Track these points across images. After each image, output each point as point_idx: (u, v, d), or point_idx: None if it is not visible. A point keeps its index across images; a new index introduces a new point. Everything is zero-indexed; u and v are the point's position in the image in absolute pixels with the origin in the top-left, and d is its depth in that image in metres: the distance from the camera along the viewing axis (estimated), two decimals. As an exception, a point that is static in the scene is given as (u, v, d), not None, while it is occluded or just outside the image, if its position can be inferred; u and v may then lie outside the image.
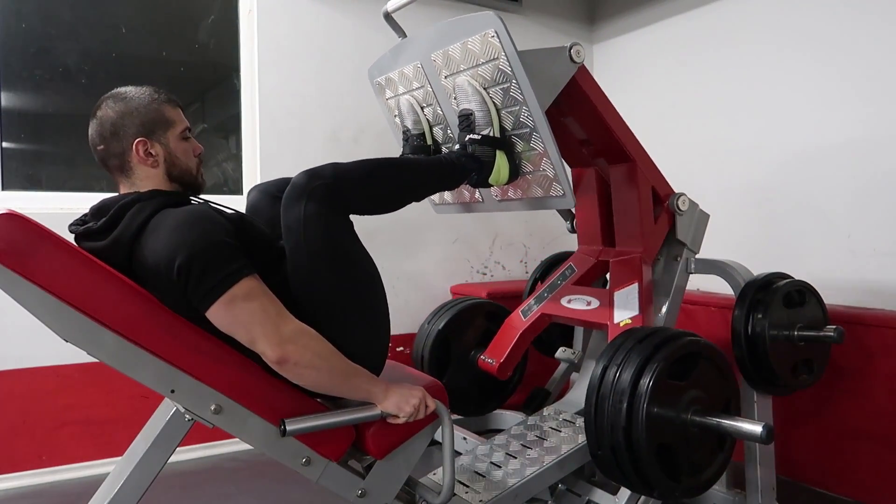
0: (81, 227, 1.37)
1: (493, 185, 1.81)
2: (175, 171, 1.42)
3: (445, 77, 1.85)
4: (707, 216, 2.11)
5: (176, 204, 1.35)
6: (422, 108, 2.02)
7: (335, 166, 1.45)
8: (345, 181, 1.43)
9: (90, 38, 2.82)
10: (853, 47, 2.57)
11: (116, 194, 1.40)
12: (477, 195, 2.05)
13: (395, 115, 2.15)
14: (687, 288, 2.11)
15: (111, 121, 1.37)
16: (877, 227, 2.52)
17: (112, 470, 1.51)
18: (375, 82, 2.18)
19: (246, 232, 1.39)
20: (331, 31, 3.17)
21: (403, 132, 2.06)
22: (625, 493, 1.81)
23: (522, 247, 3.74)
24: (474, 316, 2.34)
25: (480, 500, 1.67)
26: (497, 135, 1.75)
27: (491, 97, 1.74)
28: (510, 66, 1.64)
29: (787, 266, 2.19)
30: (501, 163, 1.77)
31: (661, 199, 2.03)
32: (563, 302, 2.09)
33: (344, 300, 1.41)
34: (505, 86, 1.69)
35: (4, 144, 2.65)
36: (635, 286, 1.92)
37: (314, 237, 1.38)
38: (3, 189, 2.62)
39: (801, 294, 2.00)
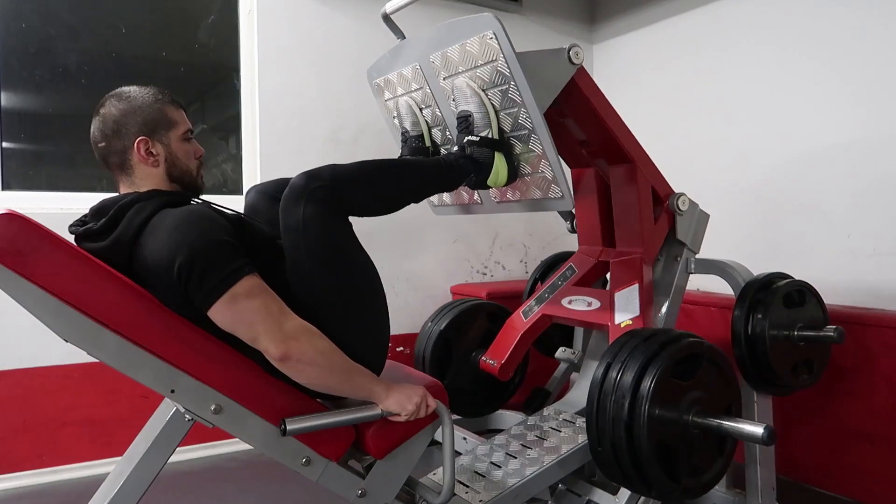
0: (81, 227, 1.37)
1: (491, 187, 1.81)
2: (175, 171, 1.42)
3: (444, 79, 1.85)
4: (707, 216, 2.11)
5: (175, 204, 1.35)
6: (420, 109, 2.02)
7: (334, 168, 1.45)
8: (343, 183, 1.43)
9: (90, 38, 2.82)
10: (853, 47, 2.57)
11: (116, 195, 1.40)
12: (476, 197, 2.05)
13: (394, 117, 2.15)
14: (687, 288, 2.11)
15: (114, 118, 1.37)
16: (877, 227, 2.52)
17: (112, 470, 1.51)
18: (374, 83, 2.18)
19: (246, 232, 1.39)
20: (331, 31, 3.17)
21: (402, 133, 2.06)
22: (625, 493, 1.81)
23: (522, 247, 3.74)
24: (475, 317, 2.34)
25: (480, 500, 1.67)
26: (495, 136, 1.75)
27: (489, 99, 1.73)
28: (508, 68, 1.64)
29: (787, 266, 2.19)
30: (500, 164, 1.76)
31: (661, 199, 2.03)
32: (564, 303, 2.09)
33: (343, 301, 1.42)
34: (503, 87, 1.68)
35: (4, 144, 2.65)
36: (635, 287, 1.92)
37: (313, 238, 1.38)
38: (3, 189, 2.62)
39: (801, 294, 2.00)
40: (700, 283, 3.02)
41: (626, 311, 1.89)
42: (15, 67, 2.66)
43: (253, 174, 3.07)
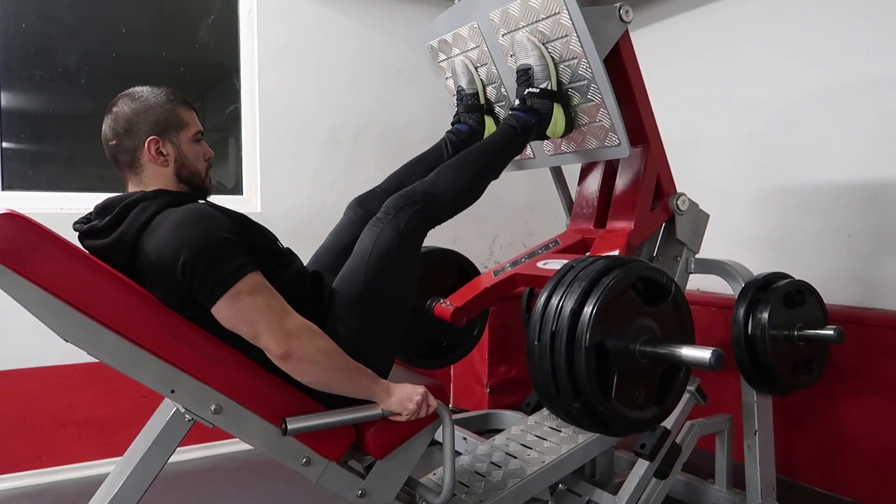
0: (85, 225, 1.37)
1: (549, 138, 1.90)
2: (184, 172, 1.43)
3: (503, 35, 1.92)
4: (707, 216, 2.11)
5: (180, 203, 1.35)
6: (476, 67, 2.09)
7: (424, 188, 1.60)
8: (436, 203, 1.60)
9: (90, 38, 2.82)
10: (854, 47, 2.57)
11: (122, 193, 1.41)
12: (528, 151, 2.13)
13: (448, 77, 2.22)
14: (687, 288, 2.11)
15: (125, 117, 1.38)
16: (877, 227, 2.52)
17: (112, 470, 1.51)
18: (428, 46, 2.22)
19: (249, 233, 1.40)
20: (331, 31, 3.17)
21: (457, 91, 2.13)
22: (625, 493, 1.81)
23: (522, 247, 3.74)
24: (444, 265, 2.22)
25: (480, 501, 1.67)
26: (554, 88, 1.83)
27: (549, 51, 1.82)
28: (572, 20, 1.71)
29: (787, 266, 2.19)
30: (559, 115, 1.85)
31: (663, 193, 2.02)
32: (539, 265, 1.99)
33: (383, 306, 1.49)
34: (564, 39, 1.76)
35: (4, 144, 2.65)
36: (615, 252, 1.84)
37: (385, 246, 1.49)
38: (3, 189, 2.63)
39: (801, 294, 2.00)
40: (700, 283, 3.02)
41: None
42: (15, 67, 2.66)
43: (253, 174, 3.07)
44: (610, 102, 1.78)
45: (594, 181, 2.18)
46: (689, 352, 1.38)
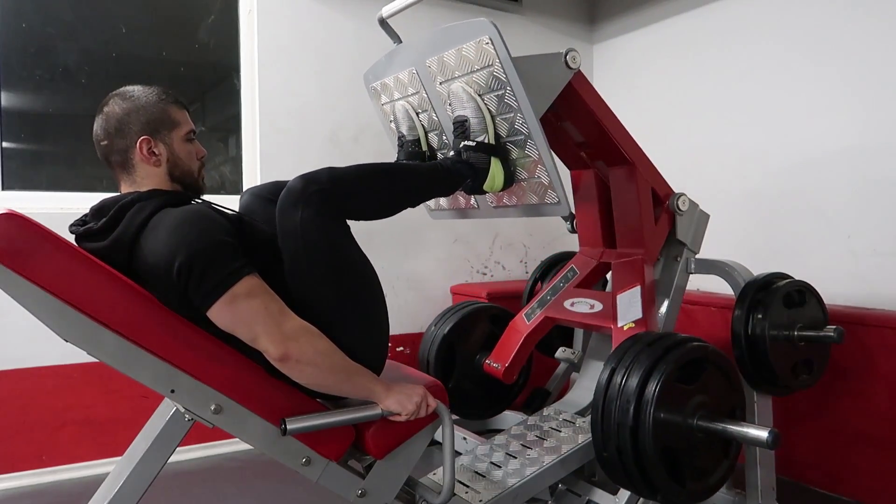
0: (82, 227, 1.37)
1: (487, 192, 1.81)
2: (177, 171, 1.42)
3: (440, 83, 1.84)
4: (707, 216, 2.11)
5: (176, 203, 1.35)
6: (417, 113, 2.02)
7: (331, 171, 1.45)
8: (341, 187, 1.44)
9: (90, 38, 2.82)
10: (853, 48, 2.57)
11: (116, 194, 1.40)
12: (472, 201, 2.05)
13: (391, 121, 2.15)
14: (687, 288, 2.11)
15: (117, 117, 1.37)
16: (877, 228, 2.52)
17: (112, 470, 1.51)
18: (371, 87, 2.18)
19: (246, 232, 1.39)
20: (331, 32, 3.17)
21: (399, 138, 2.05)
22: (625, 493, 1.81)
23: (522, 247, 3.74)
24: (478, 320, 2.35)
25: (480, 500, 1.67)
26: (492, 142, 1.75)
27: (486, 104, 1.73)
28: (504, 73, 1.63)
29: (787, 266, 2.19)
30: (496, 169, 1.76)
31: (661, 199, 2.03)
32: (567, 305, 2.09)
33: (343, 303, 1.42)
34: (500, 92, 1.68)
35: (4, 144, 2.65)
36: (637, 289, 1.91)
37: (312, 242, 1.38)
38: (3, 189, 2.63)
39: (801, 294, 2.00)
40: (700, 283, 3.02)
41: (628, 313, 1.89)
42: (15, 67, 2.66)
43: (253, 174, 3.07)
44: (547, 159, 1.68)
45: (590, 197, 2.16)
46: (745, 430, 1.49)
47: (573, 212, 2.27)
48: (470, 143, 1.73)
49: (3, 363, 2.54)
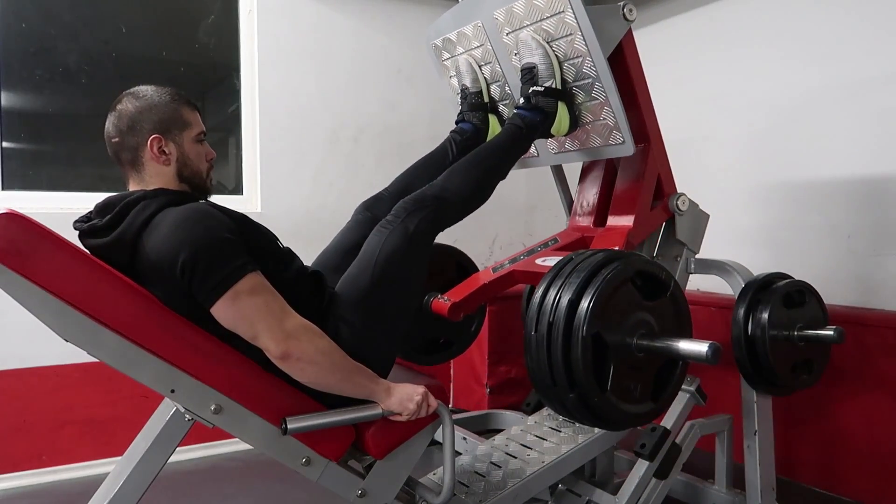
0: (86, 224, 1.37)
1: (553, 136, 1.90)
2: (186, 171, 1.43)
3: (507, 34, 1.92)
4: (707, 216, 2.11)
5: (180, 202, 1.35)
6: (480, 66, 2.09)
7: (434, 192, 1.63)
8: (446, 206, 1.63)
9: (90, 38, 2.82)
10: (854, 48, 2.57)
11: (122, 192, 1.41)
12: (532, 150, 2.13)
13: (452, 76, 2.22)
14: (687, 288, 2.10)
15: (129, 115, 1.38)
16: (877, 227, 2.52)
17: (112, 470, 1.51)
18: (432, 44, 2.22)
19: (249, 231, 1.40)
20: (331, 31, 3.17)
21: (461, 90, 2.13)
22: (625, 493, 1.81)
23: (522, 247, 3.73)
24: (442, 260, 2.22)
25: (480, 501, 1.67)
26: (559, 87, 1.84)
27: (553, 50, 1.82)
28: (576, 19, 1.72)
29: (787, 266, 2.19)
30: (563, 113, 1.86)
31: (664, 193, 2.02)
32: (538, 262, 2.00)
33: (384, 309, 1.49)
34: (569, 37, 1.77)
35: (4, 144, 2.65)
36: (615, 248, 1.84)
37: (410, 247, 1.52)
38: (3, 189, 2.63)
39: (801, 294, 2.00)
40: (700, 283, 3.02)
41: None
42: (15, 67, 2.66)
43: (253, 174, 3.07)
44: (614, 101, 1.78)
45: (595, 180, 2.18)
46: (685, 345, 1.39)
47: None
48: (539, 89, 1.82)
49: (3, 363, 2.54)
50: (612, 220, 2.03)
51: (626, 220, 1.95)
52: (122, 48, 2.87)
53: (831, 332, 1.94)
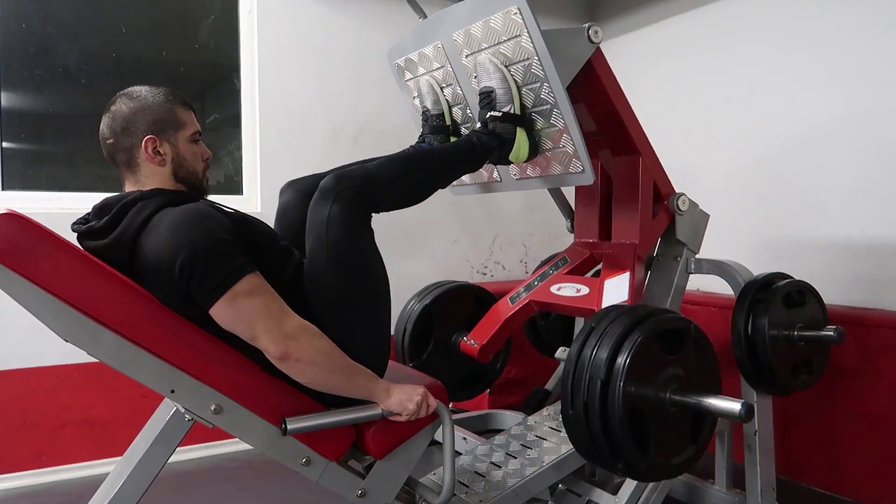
0: (84, 226, 1.37)
1: (512, 163, 1.85)
2: (181, 171, 1.43)
3: (466, 56, 1.88)
4: (707, 216, 2.11)
5: (178, 203, 1.35)
6: (441, 88, 2.05)
7: (364, 170, 1.49)
8: (373, 184, 1.48)
9: (90, 38, 2.82)
10: (854, 49, 2.57)
11: (119, 193, 1.41)
12: (495, 174, 2.08)
13: (415, 97, 2.18)
14: (687, 288, 2.10)
15: (123, 116, 1.38)
16: (877, 228, 2.52)
17: (112, 470, 1.51)
18: (395, 64, 2.20)
19: (248, 231, 1.39)
20: (331, 31, 3.17)
21: (423, 112, 2.09)
22: (625, 493, 1.81)
23: (522, 247, 3.74)
24: (461, 298, 2.27)
25: (480, 501, 1.67)
26: (517, 112, 1.79)
27: (512, 74, 1.77)
28: (532, 43, 1.66)
29: (787, 266, 2.19)
30: (521, 139, 1.80)
31: (662, 196, 2.02)
32: (553, 290, 2.05)
33: (355, 302, 1.44)
34: (526, 62, 1.71)
35: (4, 144, 2.65)
36: (626, 275, 1.89)
37: (335, 238, 1.41)
38: (3, 189, 2.63)
39: (801, 294, 2.00)
40: (700, 283, 3.02)
41: (613, 297, 1.85)
42: (15, 67, 2.66)
43: (253, 174, 3.07)
44: (573, 128, 1.71)
45: (591, 192, 2.15)
46: (718, 403, 1.43)
47: (573, 209, 2.26)
48: (496, 114, 1.77)
49: (3, 363, 2.54)
50: (617, 232, 2.04)
51: (632, 237, 1.97)
52: (122, 48, 2.87)
53: (831, 333, 1.95)
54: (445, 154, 1.76)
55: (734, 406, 1.40)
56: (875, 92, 2.51)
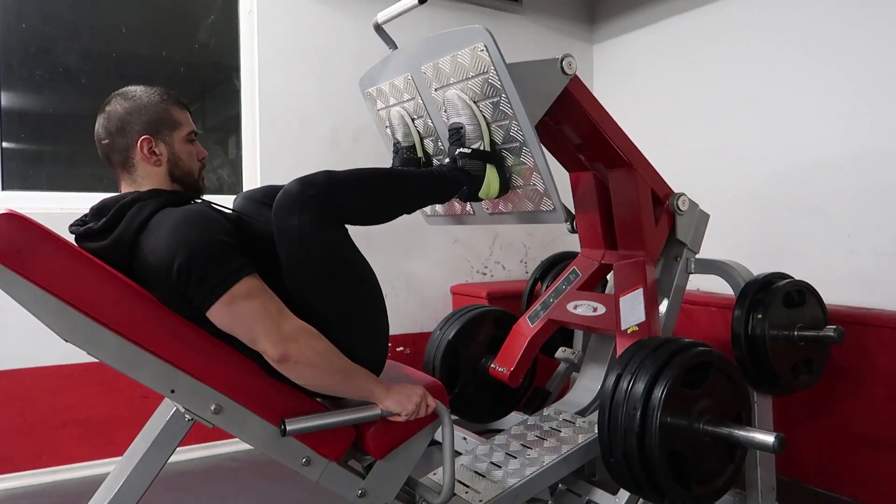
0: (82, 227, 1.37)
1: (483, 199, 1.81)
2: (177, 171, 1.43)
3: (436, 90, 1.83)
4: (707, 216, 2.11)
5: (176, 203, 1.35)
6: (412, 119, 2.00)
7: (328, 176, 1.44)
8: (337, 192, 1.43)
9: (90, 38, 2.82)
10: (855, 49, 2.57)
11: (116, 194, 1.40)
12: (468, 208, 2.05)
13: (386, 127, 2.13)
14: (687, 288, 2.11)
15: (118, 116, 1.38)
16: (877, 228, 2.52)
17: (112, 470, 1.51)
18: (366, 92, 2.17)
19: (246, 232, 1.39)
20: (331, 32, 3.17)
21: (394, 144, 2.05)
22: (625, 493, 1.81)
23: (522, 247, 3.74)
24: (482, 323, 2.36)
25: (480, 501, 1.67)
26: (487, 149, 1.74)
27: (481, 111, 1.72)
28: (500, 80, 1.62)
29: (787, 266, 2.19)
30: (492, 177, 1.76)
31: (661, 199, 2.03)
32: (570, 308, 2.09)
33: (342, 305, 1.42)
34: (495, 99, 1.67)
35: (4, 144, 2.65)
36: (640, 291, 1.91)
37: (310, 246, 1.38)
38: (3, 189, 2.62)
39: (801, 294, 2.00)
40: (700, 283, 3.02)
41: (631, 316, 1.89)
42: (15, 67, 2.66)
43: (253, 174, 3.07)
44: (542, 167, 1.68)
45: (590, 201, 2.15)
46: (752, 435, 1.50)
47: (573, 212, 2.27)
48: (465, 151, 1.73)
49: (3, 363, 2.54)
50: (623, 241, 2.07)
51: (639, 250, 2.00)
52: (122, 48, 2.87)
53: (831, 332, 1.95)
54: (414, 179, 1.69)
55: (767, 439, 1.48)
56: (877, 92, 2.51)
